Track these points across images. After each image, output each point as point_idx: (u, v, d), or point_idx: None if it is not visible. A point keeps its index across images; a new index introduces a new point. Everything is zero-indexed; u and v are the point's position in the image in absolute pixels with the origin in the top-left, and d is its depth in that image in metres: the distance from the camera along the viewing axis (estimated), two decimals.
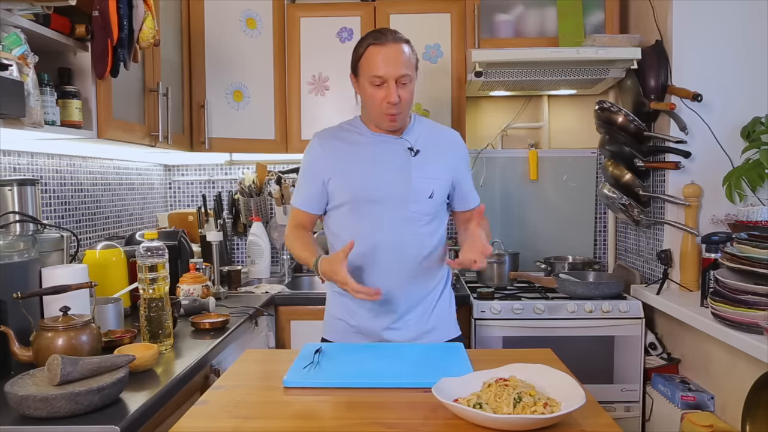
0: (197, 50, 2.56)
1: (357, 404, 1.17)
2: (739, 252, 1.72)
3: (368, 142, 1.71)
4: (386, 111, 1.62)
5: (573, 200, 2.99)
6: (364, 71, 1.63)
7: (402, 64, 1.59)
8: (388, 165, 1.68)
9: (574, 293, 2.41)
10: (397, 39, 1.61)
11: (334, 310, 1.79)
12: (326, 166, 1.70)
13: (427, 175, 1.69)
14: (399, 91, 1.59)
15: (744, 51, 2.25)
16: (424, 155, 1.70)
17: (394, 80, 1.59)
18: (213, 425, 1.07)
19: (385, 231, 1.66)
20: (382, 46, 1.59)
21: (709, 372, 2.06)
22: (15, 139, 1.72)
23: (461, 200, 1.80)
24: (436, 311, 1.74)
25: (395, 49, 1.59)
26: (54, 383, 1.18)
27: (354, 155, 1.70)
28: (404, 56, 1.60)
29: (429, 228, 1.71)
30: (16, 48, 1.44)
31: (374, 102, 1.63)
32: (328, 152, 1.71)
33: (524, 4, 2.68)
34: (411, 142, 1.71)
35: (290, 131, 2.79)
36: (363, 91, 1.66)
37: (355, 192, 1.67)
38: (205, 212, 3.00)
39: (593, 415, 1.08)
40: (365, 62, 1.63)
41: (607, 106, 2.46)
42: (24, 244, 1.52)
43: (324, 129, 1.81)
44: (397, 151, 1.70)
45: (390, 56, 1.58)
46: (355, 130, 1.75)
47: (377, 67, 1.59)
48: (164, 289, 1.60)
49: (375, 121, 1.70)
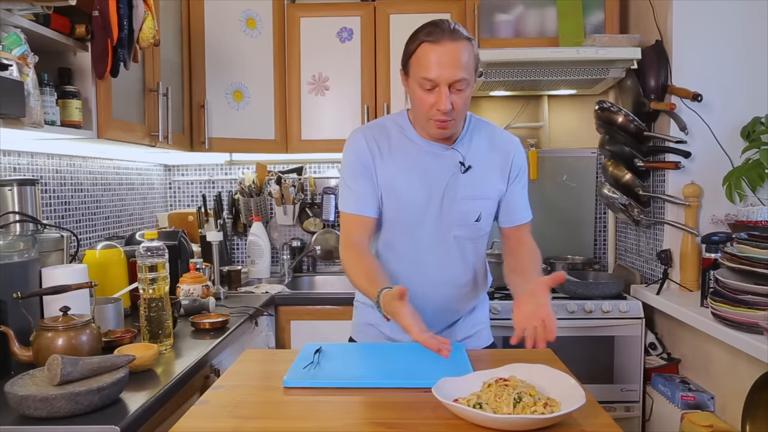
0: (197, 50, 2.56)
1: (357, 404, 1.17)
2: (739, 252, 1.72)
3: (415, 151, 1.52)
4: (435, 117, 1.42)
5: (573, 200, 2.98)
6: (414, 71, 1.42)
7: (458, 67, 1.37)
8: (435, 182, 1.50)
9: (574, 293, 2.41)
10: (456, 37, 1.38)
11: (364, 316, 1.67)
12: (374, 165, 1.51)
13: (476, 194, 1.52)
14: (452, 97, 1.38)
15: (744, 51, 2.25)
16: (475, 171, 1.51)
17: (447, 85, 1.37)
18: (213, 425, 1.07)
19: (424, 252, 1.53)
20: (437, 44, 1.37)
21: (709, 372, 2.06)
22: (15, 139, 1.72)
23: (506, 213, 1.61)
24: (470, 321, 1.66)
25: (452, 48, 1.37)
26: (54, 383, 1.18)
27: (398, 163, 1.51)
28: (462, 58, 1.37)
29: (472, 252, 1.57)
30: (16, 48, 1.44)
31: (423, 106, 1.43)
32: (374, 153, 1.51)
33: (524, 4, 2.68)
34: (463, 153, 1.51)
35: (290, 131, 2.79)
36: (412, 92, 1.45)
37: (397, 204, 1.52)
38: (205, 212, 3.01)
39: (593, 415, 1.07)
40: (416, 61, 1.41)
41: (607, 106, 2.46)
42: (24, 244, 1.52)
43: (369, 124, 1.60)
44: (446, 165, 1.51)
45: (445, 57, 1.36)
46: (403, 132, 1.54)
47: (429, 68, 1.37)
48: (164, 289, 1.60)
49: (422, 125, 1.49)
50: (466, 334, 1.66)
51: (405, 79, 1.49)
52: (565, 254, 2.93)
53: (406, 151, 1.52)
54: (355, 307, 1.74)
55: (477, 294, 1.65)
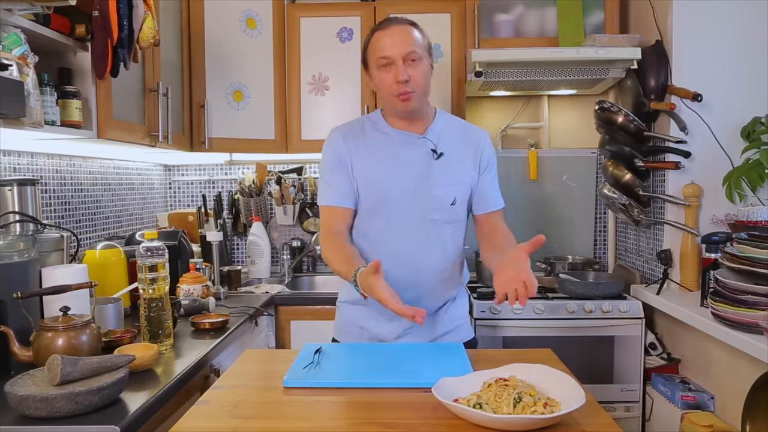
0: (197, 50, 2.56)
1: (357, 404, 1.17)
2: (739, 252, 1.72)
3: (390, 141, 1.63)
4: (397, 92, 1.53)
5: (573, 200, 2.99)
6: (372, 57, 1.57)
7: (408, 42, 1.53)
8: (409, 169, 1.60)
9: (574, 293, 2.41)
10: (401, 21, 1.57)
11: (346, 313, 1.73)
12: (350, 159, 1.61)
13: (450, 180, 1.61)
14: (408, 70, 1.52)
15: (744, 51, 2.25)
16: (447, 158, 1.61)
17: (401, 58, 1.52)
18: (213, 425, 1.07)
19: (403, 238, 1.59)
20: (386, 29, 1.55)
21: (709, 372, 2.06)
22: (15, 139, 1.72)
23: (480, 200, 1.68)
24: (450, 315, 1.69)
25: (400, 29, 1.55)
26: (54, 383, 1.18)
27: (374, 154, 1.61)
28: (410, 36, 1.54)
29: (449, 236, 1.63)
30: (16, 48, 1.44)
31: (385, 85, 1.55)
32: (350, 148, 1.62)
33: (524, 4, 2.68)
34: (434, 141, 1.62)
35: (290, 131, 2.79)
36: (374, 78, 1.59)
37: (374, 197, 1.60)
38: (205, 212, 3.01)
39: (593, 415, 1.07)
40: (371, 48, 1.57)
41: (607, 106, 2.46)
42: (24, 244, 1.52)
43: (344, 123, 1.72)
44: (419, 153, 1.61)
45: (394, 36, 1.53)
46: (376, 126, 1.66)
47: (382, 48, 1.53)
48: (164, 289, 1.60)
49: (391, 107, 1.61)
50: (446, 329, 1.69)
51: (367, 72, 1.63)
52: (565, 254, 2.93)
53: (380, 143, 1.63)
54: (337, 307, 1.77)
55: (455, 283, 1.70)
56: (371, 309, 1.63)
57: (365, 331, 1.67)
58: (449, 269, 1.65)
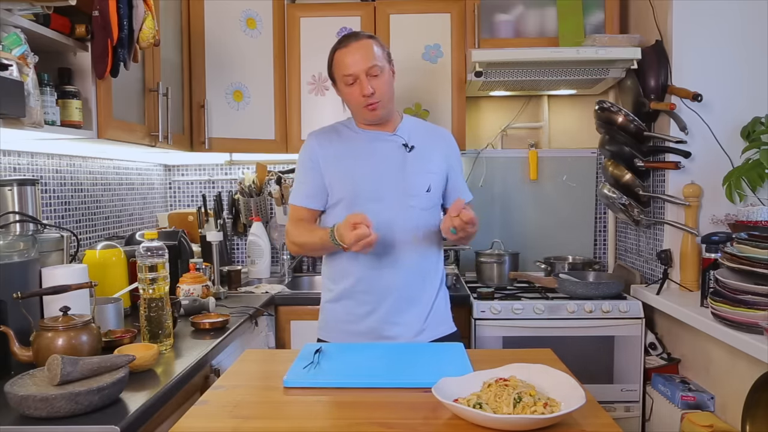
0: (197, 50, 2.56)
1: (357, 404, 1.17)
2: (739, 252, 1.72)
3: (363, 139, 1.75)
4: (364, 104, 1.67)
5: (573, 200, 2.99)
6: (337, 74, 1.70)
7: (368, 57, 1.64)
8: (385, 161, 1.72)
9: (574, 293, 2.41)
10: (360, 37, 1.68)
11: (331, 311, 1.79)
12: (324, 162, 1.73)
13: (423, 169, 1.73)
14: (372, 83, 1.65)
15: (744, 51, 2.25)
16: (418, 150, 1.74)
17: (364, 74, 1.64)
18: (213, 425, 1.07)
19: (384, 227, 1.65)
20: (346, 47, 1.67)
21: (709, 372, 2.06)
22: (15, 139, 1.72)
23: (453, 195, 1.80)
24: (433, 310, 1.76)
25: (359, 45, 1.66)
26: (54, 383, 1.18)
27: (350, 152, 1.73)
28: (370, 50, 1.65)
29: (427, 223, 1.74)
30: (16, 48, 1.44)
31: (353, 100, 1.69)
32: (325, 149, 1.74)
33: (524, 4, 2.68)
34: (405, 138, 1.75)
35: (290, 131, 2.79)
36: (342, 93, 1.72)
37: (354, 188, 1.70)
38: (205, 212, 3.01)
39: (593, 415, 1.08)
40: (336, 67, 1.69)
41: (607, 106, 2.46)
42: (24, 244, 1.52)
43: (319, 128, 1.84)
44: (392, 147, 1.74)
45: (355, 53, 1.65)
46: (349, 129, 1.79)
47: (346, 66, 1.65)
48: (164, 289, 1.60)
49: (360, 117, 1.74)
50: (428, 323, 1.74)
51: (335, 87, 1.76)
52: (565, 254, 2.93)
53: (354, 142, 1.75)
54: (322, 308, 1.83)
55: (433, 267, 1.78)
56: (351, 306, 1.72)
57: (351, 331, 1.73)
58: (425, 252, 1.75)
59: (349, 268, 1.72)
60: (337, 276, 1.76)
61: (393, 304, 1.70)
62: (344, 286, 1.73)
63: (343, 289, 1.74)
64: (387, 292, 1.69)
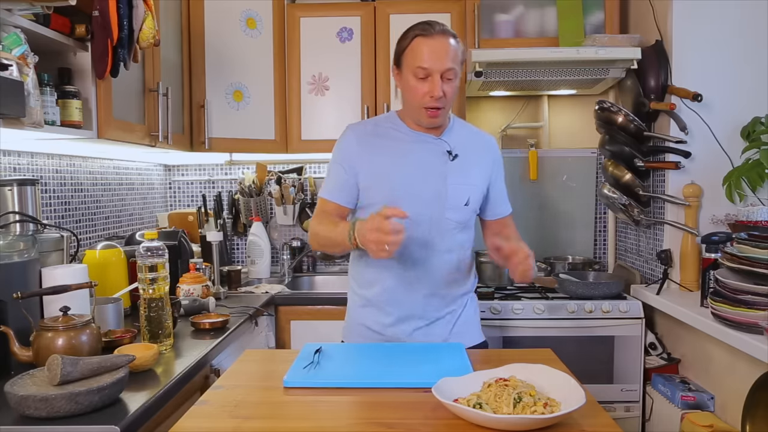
0: (197, 50, 2.56)
1: (357, 404, 1.17)
2: (739, 252, 1.72)
3: (406, 140, 1.64)
4: (428, 105, 1.55)
5: (573, 200, 2.98)
6: (408, 62, 1.55)
7: (449, 57, 1.52)
8: (425, 168, 1.61)
9: (574, 293, 2.41)
10: (445, 32, 1.55)
11: (357, 316, 1.72)
12: (360, 160, 1.62)
13: (464, 181, 1.63)
14: (443, 86, 1.53)
15: (744, 51, 2.25)
16: (461, 160, 1.63)
17: (439, 74, 1.52)
18: (213, 425, 1.07)
19: (417, 237, 1.59)
20: (429, 38, 1.53)
21: (709, 372, 2.06)
22: (15, 139, 1.72)
23: (492, 207, 1.73)
24: (461, 318, 1.70)
25: (442, 41, 1.53)
26: (54, 383, 1.18)
27: (390, 151, 1.62)
28: (451, 50, 1.53)
29: (461, 236, 1.66)
30: (16, 48, 1.44)
31: (416, 95, 1.55)
32: (363, 147, 1.63)
33: (524, 4, 2.68)
34: (450, 144, 1.64)
35: (290, 131, 2.79)
36: (405, 83, 1.58)
37: (391, 192, 1.59)
38: (205, 212, 3.01)
39: (593, 415, 1.08)
40: (410, 53, 1.55)
41: (607, 106, 2.46)
42: (24, 244, 1.52)
43: (358, 122, 1.74)
44: (435, 152, 1.63)
45: (437, 48, 1.52)
46: (392, 126, 1.66)
47: (423, 58, 1.52)
48: (164, 289, 1.60)
49: (414, 116, 1.61)
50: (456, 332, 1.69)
51: (397, 73, 1.62)
52: (565, 254, 2.93)
53: (396, 142, 1.64)
54: (348, 310, 1.76)
55: (464, 281, 1.71)
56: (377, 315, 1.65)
57: (376, 334, 1.67)
58: (459, 267, 1.68)
59: (377, 276, 1.64)
60: (364, 282, 1.69)
61: (421, 316, 1.64)
62: (371, 294, 1.66)
63: (371, 296, 1.66)
64: (415, 304, 1.63)
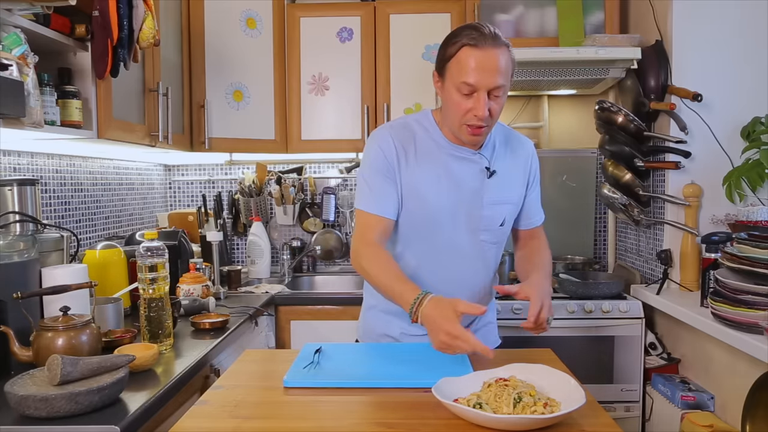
0: (197, 50, 2.56)
1: (357, 404, 1.17)
2: (739, 252, 1.72)
3: (445, 153, 1.49)
4: (470, 123, 1.40)
5: (573, 200, 2.98)
6: (453, 75, 1.39)
7: (499, 73, 1.35)
8: (462, 185, 1.49)
9: (574, 293, 2.41)
10: (498, 43, 1.36)
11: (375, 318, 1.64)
12: (399, 168, 1.48)
13: (500, 199, 1.53)
14: (490, 103, 1.37)
15: (744, 51, 2.25)
16: (499, 177, 1.51)
17: (486, 91, 1.36)
18: (213, 425, 1.07)
19: (451, 257, 1.52)
20: (479, 49, 1.34)
21: (709, 372, 2.06)
22: (15, 139, 1.72)
23: (525, 217, 1.63)
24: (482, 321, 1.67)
25: (493, 54, 1.35)
26: (54, 383, 1.18)
27: (429, 164, 1.48)
28: (502, 64, 1.36)
29: (493, 256, 1.58)
30: (16, 48, 1.44)
31: (458, 112, 1.40)
32: (400, 152, 1.47)
33: (524, 4, 2.68)
34: (488, 158, 1.51)
35: (290, 131, 2.79)
36: (447, 95, 1.42)
37: (426, 211, 1.48)
38: (205, 212, 3.00)
39: (593, 415, 1.08)
40: (455, 65, 1.38)
41: (607, 106, 2.46)
42: (24, 244, 1.52)
43: (393, 123, 1.55)
44: (473, 170, 1.50)
45: (486, 63, 1.34)
46: (429, 134, 1.51)
47: (469, 73, 1.35)
48: (164, 289, 1.60)
49: (455, 130, 1.46)
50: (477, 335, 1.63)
51: (439, 81, 1.46)
52: (565, 254, 2.93)
53: (432, 154, 1.49)
54: (366, 313, 1.68)
55: (491, 297, 1.67)
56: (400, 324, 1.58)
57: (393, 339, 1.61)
58: (488, 286, 1.61)
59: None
60: None
61: None
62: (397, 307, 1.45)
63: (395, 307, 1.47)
64: None
